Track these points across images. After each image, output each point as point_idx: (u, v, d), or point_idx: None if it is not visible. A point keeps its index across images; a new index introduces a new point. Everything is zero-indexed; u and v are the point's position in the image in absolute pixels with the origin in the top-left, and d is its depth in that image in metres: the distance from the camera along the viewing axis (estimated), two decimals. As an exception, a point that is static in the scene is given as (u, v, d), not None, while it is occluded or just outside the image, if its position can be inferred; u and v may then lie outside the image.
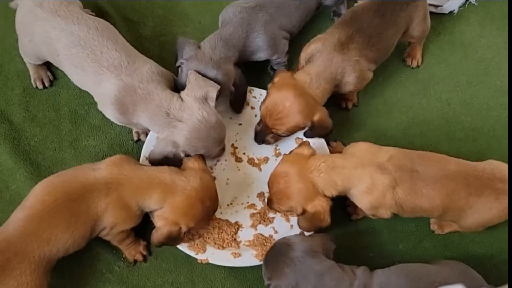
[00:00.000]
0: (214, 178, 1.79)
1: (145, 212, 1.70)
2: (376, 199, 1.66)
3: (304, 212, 1.68)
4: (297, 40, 2.17)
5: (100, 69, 1.74)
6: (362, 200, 1.69)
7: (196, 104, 1.75)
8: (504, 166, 1.72)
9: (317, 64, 1.87)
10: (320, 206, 1.67)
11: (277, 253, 1.64)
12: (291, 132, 1.87)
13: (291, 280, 1.57)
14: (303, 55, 1.96)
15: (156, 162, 1.78)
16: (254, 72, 2.11)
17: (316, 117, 1.83)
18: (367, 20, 1.92)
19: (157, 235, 1.67)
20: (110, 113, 1.80)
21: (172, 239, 1.69)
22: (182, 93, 1.78)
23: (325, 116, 1.86)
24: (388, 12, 1.94)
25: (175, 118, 1.73)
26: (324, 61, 1.87)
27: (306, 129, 1.88)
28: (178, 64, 1.89)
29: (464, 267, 1.64)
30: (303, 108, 1.80)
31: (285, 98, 1.80)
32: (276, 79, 1.88)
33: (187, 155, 1.77)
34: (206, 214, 1.73)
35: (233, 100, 1.96)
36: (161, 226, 1.66)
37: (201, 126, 1.74)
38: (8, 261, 1.52)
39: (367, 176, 1.65)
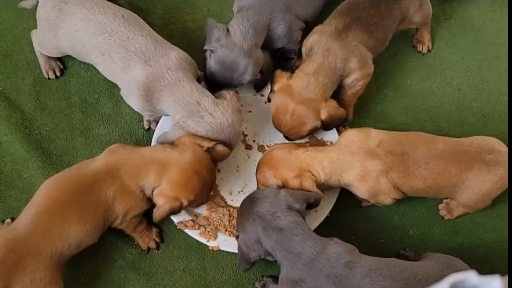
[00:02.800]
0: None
1: (148, 194, 1.71)
2: (372, 186, 1.69)
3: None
4: (307, 27, 2.16)
5: (127, 54, 1.77)
6: (359, 188, 1.71)
7: (231, 107, 1.78)
8: (491, 139, 1.75)
9: (315, 59, 1.86)
10: (304, 180, 1.68)
11: (243, 208, 1.68)
12: (308, 135, 1.90)
13: (253, 234, 1.59)
14: (304, 49, 1.95)
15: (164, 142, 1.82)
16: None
17: (323, 116, 1.83)
18: (364, 10, 1.92)
19: (159, 213, 1.68)
20: (135, 99, 1.81)
21: (173, 214, 1.72)
22: (224, 92, 1.83)
23: (333, 110, 1.85)
24: (383, 4, 1.94)
25: (206, 109, 1.74)
26: (322, 52, 1.85)
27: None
28: (206, 48, 1.90)
29: (451, 260, 1.62)
30: (306, 114, 1.82)
31: (285, 111, 1.82)
32: (275, 87, 1.87)
33: None
34: (205, 185, 1.74)
35: (258, 82, 1.99)
36: (163, 204, 1.67)
37: (226, 130, 1.76)
38: (21, 259, 1.54)
39: (358, 163, 1.68)
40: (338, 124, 1.91)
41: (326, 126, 1.87)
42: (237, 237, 1.67)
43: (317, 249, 1.52)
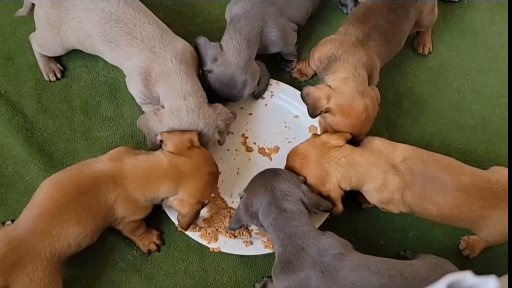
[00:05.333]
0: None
1: (156, 203, 1.73)
2: (385, 198, 1.70)
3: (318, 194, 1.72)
4: (304, 30, 2.18)
5: (134, 41, 1.79)
6: (372, 196, 1.73)
7: (213, 120, 1.80)
8: None
9: (349, 60, 1.82)
10: (332, 192, 1.70)
11: (263, 174, 1.71)
12: None
13: (257, 201, 1.64)
14: (318, 55, 1.92)
15: (141, 127, 1.86)
16: (264, 63, 2.12)
17: (379, 101, 1.86)
18: (382, 16, 1.90)
19: (185, 220, 1.71)
20: (135, 85, 1.83)
21: (198, 216, 1.75)
22: (217, 105, 1.84)
23: (378, 95, 1.88)
24: (400, 8, 1.94)
25: (186, 107, 1.75)
26: (353, 55, 1.83)
27: None
28: (205, 69, 1.91)
29: (440, 261, 1.63)
30: (374, 105, 1.80)
31: (359, 114, 1.77)
32: (324, 102, 1.78)
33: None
34: (216, 179, 1.80)
35: (256, 93, 2.02)
36: (188, 212, 1.69)
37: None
38: (20, 259, 1.55)
39: (380, 176, 1.68)
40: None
41: None
42: (241, 196, 1.70)
43: (311, 235, 1.57)
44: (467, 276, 0.98)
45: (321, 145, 1.74)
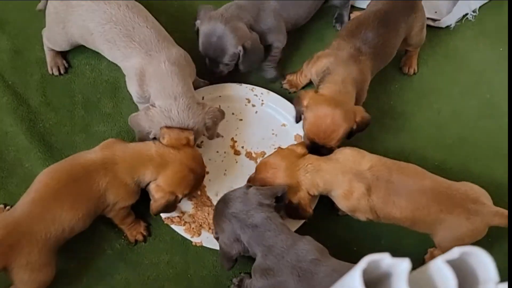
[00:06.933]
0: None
1: (142, 188, 1.83)
2: (352, 204, 1.78)
3: (289, 202, 1.80)
4: (296, 45, 2.29)
5: (131, 43, 1.90)
6: (340, 202, 1.82)
7: (201, 118, 1.89)
8: (478, 189, 1.80)
9: (340, 73, 1.93)
10: (302, 199, 1.80)
11: (217, 211, 1.76)
12: (341, 139, 1.92)
13: (231, 234, 1.69)
14: (315, 69, 2.02)
15: (133, 125, 1.94)
16: (256, 71, 2.24)
17: (358, 118, 1.91)
18: (372, 30, 2.00)
19: (156, 205, 1.79)
20: (132, 84, 1.94)
21: (169, 207, 1.82)
22: (206, 104, 1.94)
23: (364, 113, 1.94)
24: (392, 23, 2.03)
25: (177, 107, 1.84)
26: (345, 69, 1.93)
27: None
28: (196, 27, 2.04)
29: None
30: (344, 116, 1.86)
31: (325, 116, 1.86)
32: (305, 102, 1.92)
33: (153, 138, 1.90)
34: (198, 180, 1.88)
35: (242, 60, 2.06)
36: (160, 198, 1.79)
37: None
38: (18, 242, 1.63)
39: (346, 182, 1.77)
40: (364, 128, 1.97)
41: (356, 129, 1.93)
42: (217, 239, 1.77)
43: (288, 243, 1.62)
44: (385, 257, 1.07)
45: (289, 155, 1.84)
